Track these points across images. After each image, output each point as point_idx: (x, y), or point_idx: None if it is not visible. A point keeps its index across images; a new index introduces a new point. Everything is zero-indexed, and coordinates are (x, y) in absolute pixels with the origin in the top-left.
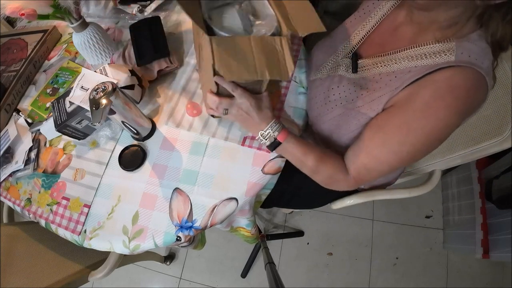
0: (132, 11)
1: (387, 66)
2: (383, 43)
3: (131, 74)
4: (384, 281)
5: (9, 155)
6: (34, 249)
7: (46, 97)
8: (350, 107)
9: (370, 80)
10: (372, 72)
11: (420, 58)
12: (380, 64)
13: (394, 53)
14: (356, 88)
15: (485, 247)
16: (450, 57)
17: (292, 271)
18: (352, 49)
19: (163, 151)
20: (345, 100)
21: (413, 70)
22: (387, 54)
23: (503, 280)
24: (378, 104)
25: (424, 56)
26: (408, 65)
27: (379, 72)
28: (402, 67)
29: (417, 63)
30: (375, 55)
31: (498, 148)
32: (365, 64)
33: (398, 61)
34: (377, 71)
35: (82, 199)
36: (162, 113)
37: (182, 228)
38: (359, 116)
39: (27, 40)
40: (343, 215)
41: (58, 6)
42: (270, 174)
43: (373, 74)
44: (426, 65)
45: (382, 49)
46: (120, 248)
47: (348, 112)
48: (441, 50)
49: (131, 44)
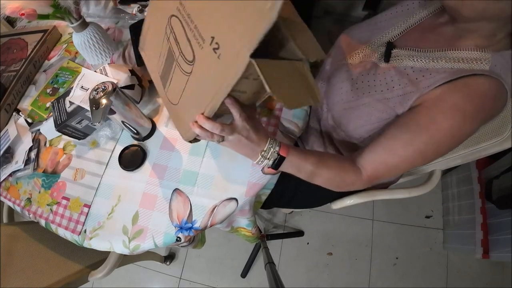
0: (132, 11)
1: (422, 62)
2: (420, 39)
3: (131, 74)
4: (384, 281)
5: (9, 155)
6: (34, 249)
7: (46, 97)
8: (378, 97)
9: (401, 72)
10: (404, 63)
11: (457, 61)
12: (415, 58)
13: (432, 51)
14: (387, 80)
15: (485, 247)
16: (485, 66)
17: (292, 271)
18: (391, 39)
19: (163, 151)
20: (373, 90)
21: (447, 71)
22: (423, 51)
23: (503, 280)
24: (407, 100)
25: (462, 60)
26: (444, 65)
27: (412, 65)
28: (438, 66)
29: (453, 65)
30: (409, 48)
31: (498, 148)
32: (398, 54)
33: (436, 60)
34: (410, 64)
35: (82, 199)
36: (162, 113)
37: (182, 229)
38: (385, 109)
39: (27, 40)
40: (343, 215)
41: (58, 6)
42: (270, 174)
43: (404, 65)
44: (461, 68)
45: (417, 44)
46: (120, 248)
47: (374, 103)
48: (478, 58)
49: (131, 44)
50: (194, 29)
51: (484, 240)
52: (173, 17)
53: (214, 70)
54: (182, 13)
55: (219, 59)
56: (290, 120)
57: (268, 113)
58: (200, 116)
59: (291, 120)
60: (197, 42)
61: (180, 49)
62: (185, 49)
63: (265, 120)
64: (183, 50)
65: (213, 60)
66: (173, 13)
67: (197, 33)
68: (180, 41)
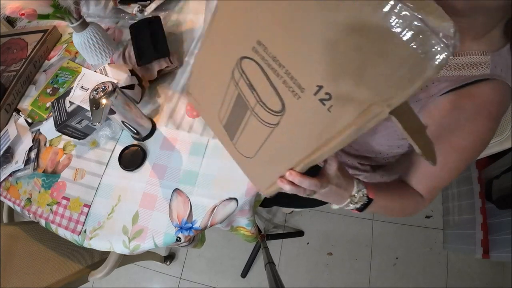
0: (132, 11)
1: None
2: None
3: (131, 74)
4: (384, 281)
5: (9, 155)
6: (34, 249)
7: (46, 97)
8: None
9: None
10: None
11: (457, 68)
12: None
13: None
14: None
15: (485, 247)
16: (486, 71)
17: (292, 271)
18: None
19: (163, 151)
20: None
21: (449, 80)
22: None
23: (503, 280)
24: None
25: (462, 67)
26: (445, 73)
27: None
28: (440, 75)
29: (454, 73)
30: None
31: (498, 148)
32: None
33: None
34: None
35: (82, 199)
36: (162, 113)
37: (182, 229)
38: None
39: (27, 40)
40: (343, 215)
41: (58, 6)
42: None
43: None
44: (462, 75)
45: None
46: (120, 248)
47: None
48: (478, 63)
49: (131, 44)
50: (284, 75)
51: (484, 240)
52: (246, 59)
53: (319, 123)
54: (262, 55)
55: (330, 112)
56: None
57: None
58: (293, 172)
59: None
60: (290, 90)
61: (258, 97)
62: (267, 97)
63: None
64: (264, 99)
65: (318, 112)
66: (245, 55)
67: (290, 79)
68: (258, 88)
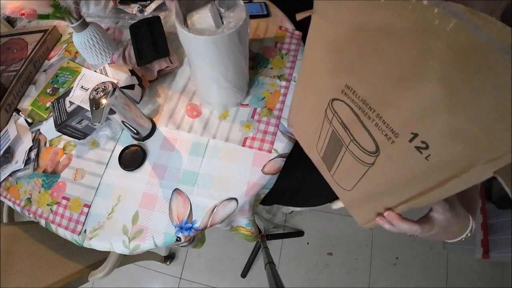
0: (132, 11)
1: None
2: None
3: (131, 74)
4: (384, 281)
5: (9, 155)
6: (34, 249)
7: (46, 97)
8: None
9: None
10: None
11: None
12: None
13: None
14: None
15: (485, 247)
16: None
17: (292, 271)
18: None
19: (163, 151)
20: None
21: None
22: None
23: (503, 280)
24: None
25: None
26: None
27: None
28: None
29: None
30: None
31: None
32: None
33: None
34: None
35: (82, 199)
36: (162, 113)
37: (182, 229)
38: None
39: (27, 40)
40: (343, 215)
41: (58, 6)
42: (270, 174)
43: None
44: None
45: None
46: (120, 248)
47: None
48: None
49: (131, 44)
50: (376, 118)
51: (484, 240)
52: (337, 101)
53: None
54: (351, 98)
55: (427, 160)
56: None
57: (268, 113)
58: (391, 213)
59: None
60: (383, 134)
61: (351, 136)
62: (360, 138)
63: (265, 120)
64: (358, 139)
65: (415, 159)
66: (335, 97)
67: (383, 124)
68: (351, 127)
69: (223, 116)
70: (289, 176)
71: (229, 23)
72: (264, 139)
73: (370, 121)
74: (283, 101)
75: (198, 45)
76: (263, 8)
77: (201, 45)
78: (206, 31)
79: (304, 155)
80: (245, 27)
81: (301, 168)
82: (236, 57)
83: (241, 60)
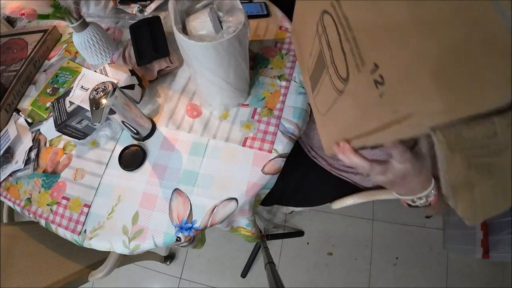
0: (132, 11)
1: None
2: None
3: (131, 74)
4: (384, 281)
5: (9, 155)
6: (34, 249)
7: (46, 97)
8: None
9: None
10: None
11: None
12: None
13: None
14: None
15: (485, 247)
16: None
17: (292, 271)
18: None
19: (163, 151)
20: None
21: None
22: None
23: (503, 280)
24: None
25: None
26: None
27: None
28: None
29: None
30: None
31: None
32: None
33: None
34: None
35: (82, 199)
36: (162, 113)
37: (182, 229)
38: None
39: (27, 40)
40: (343, 215)
41: (58, 6)
42: (270, 174)
43: None
44: None
45: None
46: (120, 248)
47: None
48: None
49: (131, 44)
50: (351, 40)
51: (484, 240)
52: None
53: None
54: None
55: (381, 98)
56: (290, 120)
57: (268, 113)
58: (346, 145)
59: (291, 120)
60: (354, 60)
61: (332, 57)
62: (338, 60)
63: (265, 120)
64: (336, 61)
65: (372, 95)
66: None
67: (356, 48)
68: (334, 48)
69: (223, 116)
70: (289, 176)
71: (228, 27)
72: (265, 139)
73: (347, 43)
74: (283, 101)
75: (198, 51)
76: (263, 8)
77: (201, 51)
78: (205, 37)
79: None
80: (244, 31)
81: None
82: (237, 60)
83: (241, 63)
